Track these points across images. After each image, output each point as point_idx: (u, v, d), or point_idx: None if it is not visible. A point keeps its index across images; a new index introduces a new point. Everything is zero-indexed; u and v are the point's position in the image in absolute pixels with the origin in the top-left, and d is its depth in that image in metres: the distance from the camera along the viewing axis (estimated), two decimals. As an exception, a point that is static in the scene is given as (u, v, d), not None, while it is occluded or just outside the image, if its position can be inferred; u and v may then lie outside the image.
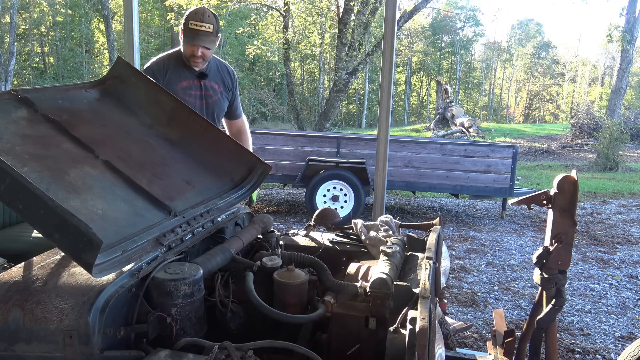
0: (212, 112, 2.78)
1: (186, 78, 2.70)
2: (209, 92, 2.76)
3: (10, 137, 1.47)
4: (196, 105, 2.68)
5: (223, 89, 2.84)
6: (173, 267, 1.40)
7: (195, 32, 2.53)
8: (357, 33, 15.10)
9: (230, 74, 2.90)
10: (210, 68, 2.77)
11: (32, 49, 28.34)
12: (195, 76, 2.71)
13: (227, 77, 2.87)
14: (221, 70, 2.85)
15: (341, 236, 2.14)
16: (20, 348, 1.22)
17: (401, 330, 1.27)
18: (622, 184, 10.82)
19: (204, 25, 2.53)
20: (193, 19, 2.52)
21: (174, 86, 2.63)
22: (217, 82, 2.81)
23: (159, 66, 2.66)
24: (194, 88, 2.72)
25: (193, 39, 2.54)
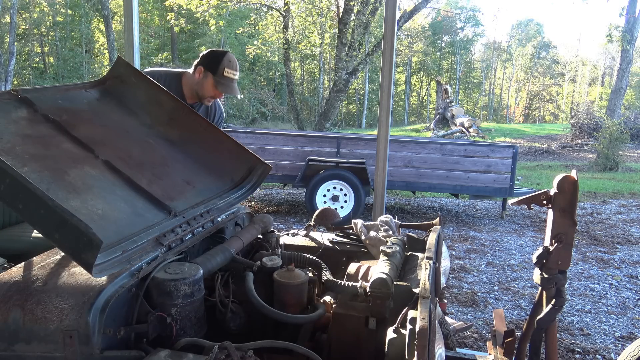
0: None
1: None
2: None
3: (10, 137, 1.47)
4: None
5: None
6: (173, 267, 1.40)
7: (230, 81, 2.59)
8: (357, 33, 15.10)
9: (218, 113, 2.90)
10: (201, 104, 2.78)
11: (32, 49, 28.34)
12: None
13: (212, 115, 2.86)
14: (210, 110, 2.85)
15: (341, 236, 2.14)
16: (20, 348, 1.22)
17: (401, 330, 1.27)
18: (622, 184, 10.83)
19: (237, 74, 2.62)
20: (229, 67, 2.56)
21: None
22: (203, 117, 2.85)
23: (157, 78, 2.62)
24: None
25: (228, 88, 2.60)
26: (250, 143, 6.83)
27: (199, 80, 2.62)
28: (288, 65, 19.46)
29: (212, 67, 2.56)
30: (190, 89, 2.69)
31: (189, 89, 2.69)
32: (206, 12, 16.10)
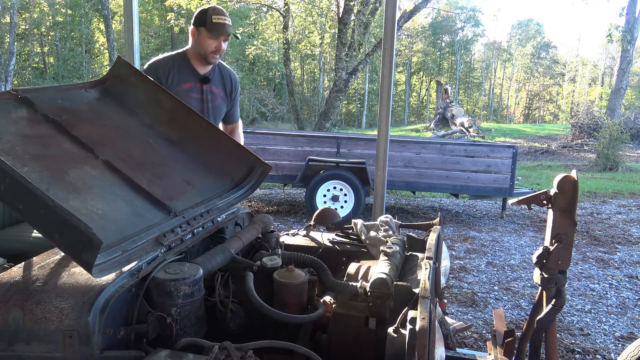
0: (211, 116, 2.82)
1: (189, 80, 2.73)
2: (210, 97, 2.80)
3: (10, 137, 1.47)
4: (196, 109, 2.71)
5: (224, 94, 2.89)
6: (173, 267, 1.40)
7: (221, 25, 2.63)
8: (357, 33, 15.09)
9: (232, 80, 2.94)
10: (214, 72, 2.82)
11: (32, 49, 28.34)
12: (198, 79, 2.76)
13: (228, 82, 2.91)
14: (224, 76, 2.89)
15: (341, 236, 2.13)
16: (20, 348, 1.22)
17: (401, 330, 1.27)
18: (622, 184, 10.82)
19: (227, 19, 2.65)
20: (215, 13, 2.62)
21: (176, 87, 2.66)
22: (219, 87, 2.86)
23: (163, 66, 2.70)
24: (196, 91, 2.75)
25: (220, 31, 2.63)
26: (250, 143, 6.83)
27: (196, 41, 2.68)
28: (288, 65, 19.47)
29: (201, 21, 2.64)
30: (196, 58, 2.74)
31: (195, 58, 2.74)
32: (206, 12, 16.06)
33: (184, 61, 2.75)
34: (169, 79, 2.67)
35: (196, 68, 2.76)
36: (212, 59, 2.73)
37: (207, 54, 2.70)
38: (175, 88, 2.64)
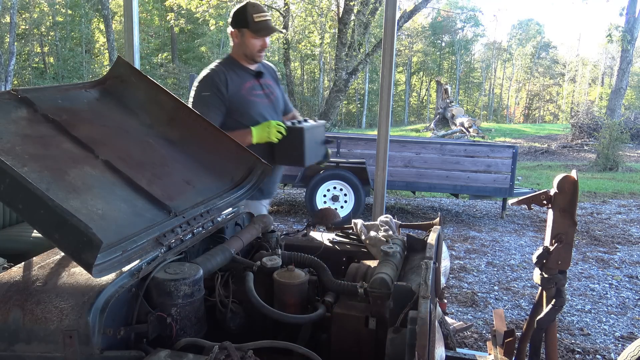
0: (277, 107, 2.75)
1: (247, 79, 2.64)
2: (269, 90, 2.73)
3: (10, 137, 1.47)
4: (264, 104, 2.66)
5: (275, 84, 2.83)
6: (173, 267, 1.40)
7: (265, 24, 2.54)
8: (357, 33, 15.09)
9: (274, 70, 2.89)
10: (259, 66, 2.74)
11: (32, 49, 28.34)
12: (252, 76, 2.67)
13: (273, 73, 2.86)
14: (267, 67, 2.83)
15: (341, 236, 2.13)
16: (20, 348, 1.22)
17: (401, 330, 1.27)
18: (622, 184, 10.82)
19: (267, 14, 2.57)
20: (255, 11, 2.52)
21: (240, 90, 2.57)
22: (270, 79, 2.79)
23: (217, 74, 2.56)
24: (257, 88, 2.68)
25: (265, 30, 2.54)
26: (250, 143, 6.81)
27: (240, 42, 2.59)
28: (288, 65, 19.47)
29: (242, 22, 2.54)
30: (242, 58, 2.65)
31: (242, 58, 2.65)
32: (206, 12, 16.10)
33: (234, 64, 2.65)
34: (228, 85, 2.55)
35: (247, 66, 2.67)
36: (259, 57, 2.65)
37: (254, 54, 2.61)
38: (240, 91, 2.57)
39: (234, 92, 2.55)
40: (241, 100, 2.56)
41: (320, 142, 2.72)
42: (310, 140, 2.52)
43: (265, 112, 2.63)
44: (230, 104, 2.54)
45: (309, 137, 2.50)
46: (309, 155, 2.53)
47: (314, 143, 2.61)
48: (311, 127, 2.56)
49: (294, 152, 2.51)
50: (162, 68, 27.35)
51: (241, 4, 2.57)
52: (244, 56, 2.63)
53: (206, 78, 2.56)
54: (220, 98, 2.51)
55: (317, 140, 2.67)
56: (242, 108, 2.56)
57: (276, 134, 2.47)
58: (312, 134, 2.57)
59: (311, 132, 2.55)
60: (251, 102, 2.59)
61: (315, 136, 2.62)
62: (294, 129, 2.50)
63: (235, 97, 2.54)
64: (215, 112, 2.51)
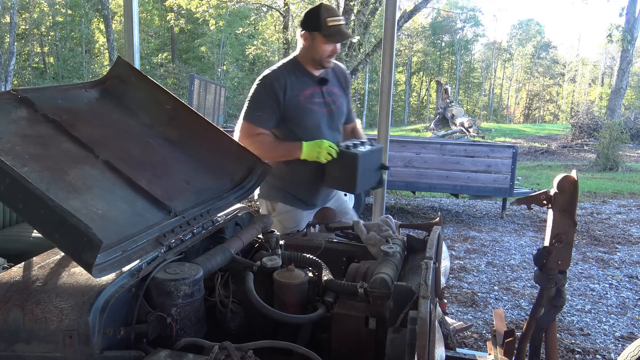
0: (337, 118, 2.59)
1: (308, 86, 2.50)
2: (332, 98, 2.57)
3: (10, 137, 1.47)
4: (322, 113, 2.51)
5: (342, 92, 2.66)
6: (173, 267, 1.40)
7: (337, 29, 2.40)
8: (357, 33, 15.09)
9: (345, 75, 2.71)
10: (328, 72, 2.58)
11: (32, 49, 28.34)
12: (316, 83, 2.52)
13: (342, 79, 2.68)
14: (337, 73, 2.66)
15: (341, 236, 2.13)
16: (20, 348, 1.22)
17: (401, 330, 1.27)
18: (622, 184, 10.83)
19: (342, 19, 2.44)
20: (330, 15, 2.39)
21: (298, 97, 2.45)
22: (336, 86, 2.63)
23: (277, 79, 2.46)
24: (317, 95, 2.52)
25: (337, 36, 2.40)
26: (250, 143, 6.81)
27: (309, 45, 2.45)
28: (288, 65, 19.44)
29: (314, 24, 2.40)
30: (309, 62, 2.51)
31: (308, 62, 2.51)
32: (206, 12, 16.10)
33: (297, 67, 2.52)
34: (286, 91, 2.43)
35: (311, 72, 2.53)
36: (328, 63, 2.50)
37: (322, 59, 2.46)
38: (297, 98, 2.44)
39: (291, 98, 2.43)
40: (297, 108, 2.44)
41: (375, 168, 2.50)
42: (364, 167, 2.34)
43: (323, 122, 2.48)
44: (286, 110, 2.43)
45: (363, 164, 2.32)
46: (361, 182, 2.35)
47: (368, 169, 2.41)
48: (367, 153, 2.36)
49: (346, 178, 2.35)
50: (162, 68, 27.36)
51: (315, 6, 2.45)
52: (311, 60, 2.49)
53: (265, 80, 2.46)
54: (276, 103, 2.41)
55: (372, 166, 2.46)
56: (297, 116, 2.44)
57: (326, 156, 2.32)
58: (367, 159, 2.38)
59: (366, 158, 2.36)
60: (308, 111, 2.46)
61: (370, 162, 2.43)
62: (348, 155, 2.31)
63: (291, 104, 2.43)
64: (269, 116, 2.42)
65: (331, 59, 2.49)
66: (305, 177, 2.49)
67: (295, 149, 2.37)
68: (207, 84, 8.36)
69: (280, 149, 2.46)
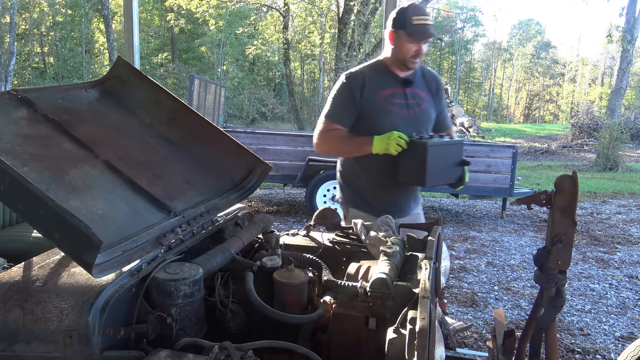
0: (421, 122, 2.49)
1: (389, 86, 2.44)
2: (416, 101, 2.48)
3: (10, 137, 1.47)
4: (402, 115, 2.43)
5: (430, 97, 2.55)
6: (173, 267, 1.40)
7: (422, 27, 2.33)
8: (357, 33, 15.10)
9: (436, 80, 2.62)
10: (416, 75, 2.52)
11: (32, 49, 28.33)
12: (399, 83, 2.46)
13: (433, 84, 2.58)
14: (427, 77, 2.58)
15: (341, 236, 2.13)
16: (20, 348, 1.22)
17: (401, 330, 1.27)
18: (622, 184, 10.83)
19: (428, 19, 2.37)
20: (415, 14, 2.34)
21: (375, 95, 2.41)
22: (423, 89, 2.54)
23: (356, 77, 2.44)
24: (398, 96, 2.44)
25: (421, 35, 2.34)
26: (250, 143, 6.83)
27: (394, 45, 2.40)
28: (288, 65, 19.47)
29: (400, 22, 2.35)
30: (394, 62, 2.45)
31: (394, 62, 2.45)
32: (206, 12, 16.11)
33: (380, 67, 2.48)
34: (364, 88, 2.40)
35: (396, 72, 2.46)
36: (412, 64, 2.42)
37: (406, 59, 2.40)
38: (374, 96, 2.40)
39: (368, 96, 2.40)
40: (374, 107, 2.40)
41: (453, 163, 2.40)
42: (436, 159, 2.24)
43: (402, 123, 2.38)
44: (362, 109, 2.40)
45: (435, 155, 2.22)
46: (432, 175, 2.25)
47: (443, 162, 2.32)
48: (440, 144, 2.27)
49: (415, 170, 2.27)
50: (162, 68, 27.35)
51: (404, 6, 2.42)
52: (396, 61, 2.43)
53: (345, 77, 2.45)
54: (352, 100, 2.39)
55: (448, 160, 2.36)
56: (373, 115, 2.39)
57: (395, 147, 2.24)
58: (441, 152, 2.28)
59: (440, 150, 2.26)
60: (385, 111, 2.40)
61: (445, 155, 2.33)
62: (417, 144, 2.23)
63: (367, 103, 2.39)
64: (345, 113, 2.41)
65: (416, 59, 2.41)
66: (377, 178, 2.45)
67: (366, 142, 2.32)
68: (207, 84, 8.36)
69: (352, 143, 2.42)
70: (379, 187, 2.48)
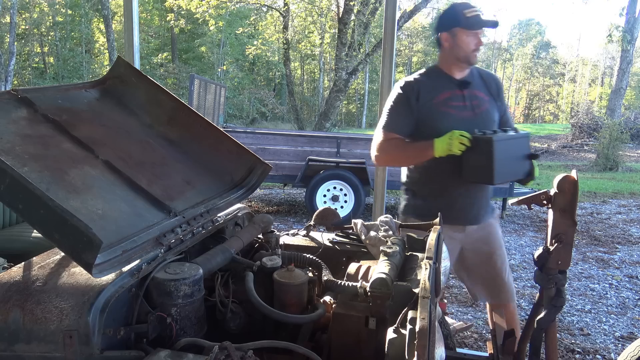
0: (483, 123, 2.37)
1: (445, 89, 2.38)
2: (475, 102, 2.39)
3: (10, 137, 1.47)
4: (462, 117, 2.35)
5: (490, 98, 2.46)
6: (173, 267, 1.40)
7: (477, 17, 2.28)
8: (357, 33, 15.10)
9: (496, 81, 2.54)
10: (472, 75, 2.44)
11: (32, 49, 28.33)
12: (455, 86, 2.38)
13: (492, 84, 2.50)
14: (485, 78, 2.50)
15: (341, 236, 2.13)
16: (20, 348, 1.22)
17: (401, 330, 1.27)
18: (622, 184, 10.83)
19: (478, 10, 2.32)
20: (466, 8, 2.30)
21: (432, 100, 2.34)
22: (482, 90, 2.44)
23: (411, 85, 2.39)
24: (456, 99, 2.36)
25: (480, 23, 2.29)
26: (250, 143, 6.83)
27: (451, 45, 2.34)
28: (288, 65, 19.47)
29: (453, 20, 2.32)
30: (451, 66, 2.39)
31: (451, 64, 2.39)
32: (206, 12, 16.11)
33: (434, 73, 2.43)
34: (420, 95, 2.34)
35: (452, 75, 2.40)
36: (474, 58, 2.35)
37: (468, 54, 2.33)
38: (431, 101, 2.34)
39: (425, 102, 2.34)
40: (431, 112, 2.34)
41: (521, 157, 2.28)
42: (503, 154, 2.15)
43: (462, 125, 2.27)
44: (419, 114, 2.34)
45: (502, 150, 2.13)
46: (500, 171, 2.14)
47: (510, 157, 2.22)
48: (506, 139, 2.19)
49: (482, 168, 2.16)
50: (162, 68, 27.35)
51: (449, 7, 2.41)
52: (455, 60, 2.37)
53: (399, 86, 2.41)
54: (408, 108, 2.35)
55: (516, 154, 2.26)
56: (431, 120, 2.33)
57: (458, 145, 2.15)
58: (508, 146, 2.19)
59: (506, 144, 2.17)
60: (442, 114, 2.33)
61: (512, 149, 2.23)
62: (482, 140, 2.14)
63: (424, 108, 2.33)
64: (402, 121, 2.36)
65: (477, 52, 2.35)
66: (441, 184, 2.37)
67: (427, 146, 2.23)
68: (207, 84, 8.36)
69: (413, 149, 2.35)
70: (445, 193, 2.38)
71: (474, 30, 2.31)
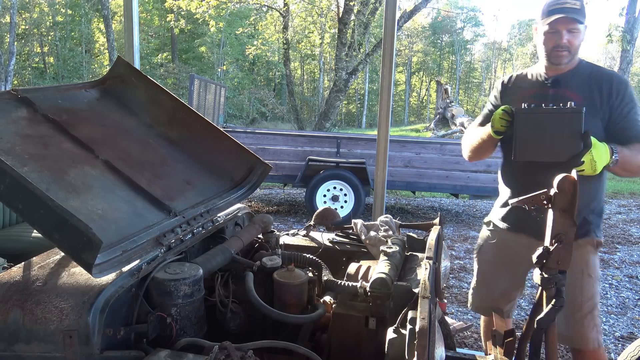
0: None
1: (533, 87, 2.19)
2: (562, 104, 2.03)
3: (10, 137, 1.47)
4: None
5: (588, 101, 2.07)
6: (173, 267, 1.40)
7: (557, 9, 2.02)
8: (357, 33, 15.10)
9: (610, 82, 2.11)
10: (574, 75, 2.13)
11: (32, 49, 28.34)
12: (542, 84, 2.17)
13: (603, 85, 2.09)
14: (593, 78, 2.11)
15: (341, 236, 2.14)
16: (20, 348, 1.22)
17: (401, 330, 1.27)
18: (622, 184, 10.82)
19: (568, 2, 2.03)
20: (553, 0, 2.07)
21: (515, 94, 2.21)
22: (578, 92, 2.10)
23: (504, 80, 2.33)
24: (538, 97, 2.12)
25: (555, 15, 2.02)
26: (250, 143, 6.83)
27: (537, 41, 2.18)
28: (288, 65, 19.46)
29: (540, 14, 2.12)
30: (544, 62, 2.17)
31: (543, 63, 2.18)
32: (206, 12, 16.11)
33: (536, 68, 2.25)
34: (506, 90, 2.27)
35: (547, 73, 2.17)
36: (556, 57, 2.09)
37: (548, 52, 2.10)
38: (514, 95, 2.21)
39: (509, 95, 2.25)
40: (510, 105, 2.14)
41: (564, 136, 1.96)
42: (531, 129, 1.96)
43: None
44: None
45: (527, 124, 1.96)
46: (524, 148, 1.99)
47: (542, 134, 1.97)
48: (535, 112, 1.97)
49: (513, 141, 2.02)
50: (162, 68, 27.35)
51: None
52: (543, 59, 2.17)
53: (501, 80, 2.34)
54: (494, 103, 2.31)
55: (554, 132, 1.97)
56: None
57: (499, 120, 2.03)
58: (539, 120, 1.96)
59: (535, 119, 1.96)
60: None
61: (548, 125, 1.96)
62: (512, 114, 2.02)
63: (506, 102, 2.20)
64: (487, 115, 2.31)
65: (559, 51, 2.07)
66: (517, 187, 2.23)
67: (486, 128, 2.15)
68: (207, 84, 8.36)
69: (477, 132, 2.27)
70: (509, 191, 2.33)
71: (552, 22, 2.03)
